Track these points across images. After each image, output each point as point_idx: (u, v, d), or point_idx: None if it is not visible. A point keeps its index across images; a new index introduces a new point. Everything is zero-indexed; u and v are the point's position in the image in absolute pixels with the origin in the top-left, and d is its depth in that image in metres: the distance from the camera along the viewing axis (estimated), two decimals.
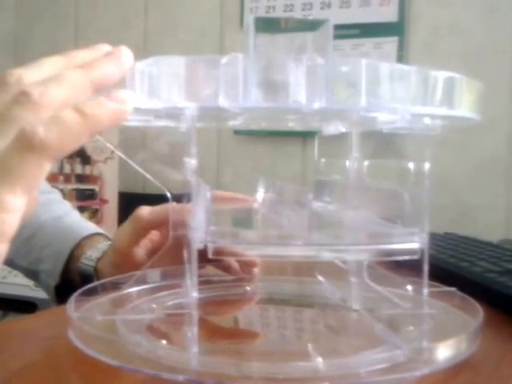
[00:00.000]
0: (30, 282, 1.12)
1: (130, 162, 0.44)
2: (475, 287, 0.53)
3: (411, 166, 0.35)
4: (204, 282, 0.50)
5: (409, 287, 0.41)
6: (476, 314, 0.40)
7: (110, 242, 0.63)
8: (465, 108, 0.34)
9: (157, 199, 0.70)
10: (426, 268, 0.36)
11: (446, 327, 0.40)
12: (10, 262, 0.69)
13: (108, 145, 0.42)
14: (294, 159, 1.53)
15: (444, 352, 0.34)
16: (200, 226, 0.34)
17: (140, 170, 0.45)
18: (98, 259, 0.61)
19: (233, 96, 0.30)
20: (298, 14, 1.56)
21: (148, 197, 1.73)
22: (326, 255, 0.34)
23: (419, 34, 1.45)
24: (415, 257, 0.35)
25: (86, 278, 0.60)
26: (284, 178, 1.49)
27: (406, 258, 0.35)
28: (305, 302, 0.52)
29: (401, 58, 1.45)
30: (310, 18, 0.43)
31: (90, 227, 0.67)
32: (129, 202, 1.59)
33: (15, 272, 1.19)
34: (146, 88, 0.32)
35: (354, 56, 1.50)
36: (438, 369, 0.33)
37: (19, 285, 1.12)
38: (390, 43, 1.48)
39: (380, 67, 0.31)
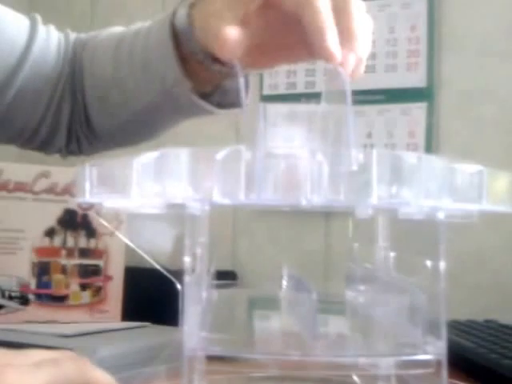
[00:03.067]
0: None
1: (137, 250, 0.45)
2: None
3: (428, 263, 0.35)
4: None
5: None
6: None
7: None
8: (495, 201, 0.34)
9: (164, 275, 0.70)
10: (445, 379, 0.34)
11: None
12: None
13: (120, 235, 0.43)
14: (316, 234, 1.53)
15: None
16: (192, 330, 0.34)
17: (148, 258, 0.46)
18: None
19: (234, 192, 0.31)
20: (319, 88, 1.60)
21: (156, 272, 1.72)
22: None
23: (450, 100, 1.48)
24: (430, 370, 0.34)
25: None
26: (305, 253, 1.48)
27: (420, 371, 0.34)
28: None
29: (431, 125, 1.47)
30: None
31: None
32: (135, 278, 1.60)
33: None
34: (149, 184, 0.33)
35: (380, 122, 1.52)
36: None
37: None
38: (419, 109, 1.50)
39: (402, 159, 0.32)
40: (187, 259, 0.35)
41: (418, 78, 1.53)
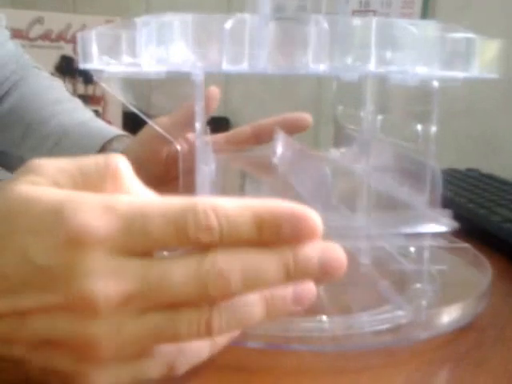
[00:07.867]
0: None
1: (136, 111, 0.45)
2: (492, 239, 0.55)
3: (419, 127, 0.36)
4: None
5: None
6: (486, 273, 0.42)
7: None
8: (483, 68, 0.35)
9: None
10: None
11: (454, 286, 0.42)
12: None
13: (117, 95, 0.43)
14: (309, 81, 1.51)
15: (447, 314, 0.36)
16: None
17: (148, 120, 0.47)
18: (122, 152, 0.62)
19: (238, 60, 0.31)
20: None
21: (152, 117, 1.73)
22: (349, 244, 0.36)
23: None
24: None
25: None
26: (298, 99, 1.46)
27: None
28: None
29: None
30: None
31: (115, 130, 0.69)
32: (133, 123, 1.59)
33: None
34: (150, 50, 0.33)
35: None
36: (438, 332, 0.35)
37: None
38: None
39: (394, 26, 0.32)
40: (198, 125, 0.35)
41: None
